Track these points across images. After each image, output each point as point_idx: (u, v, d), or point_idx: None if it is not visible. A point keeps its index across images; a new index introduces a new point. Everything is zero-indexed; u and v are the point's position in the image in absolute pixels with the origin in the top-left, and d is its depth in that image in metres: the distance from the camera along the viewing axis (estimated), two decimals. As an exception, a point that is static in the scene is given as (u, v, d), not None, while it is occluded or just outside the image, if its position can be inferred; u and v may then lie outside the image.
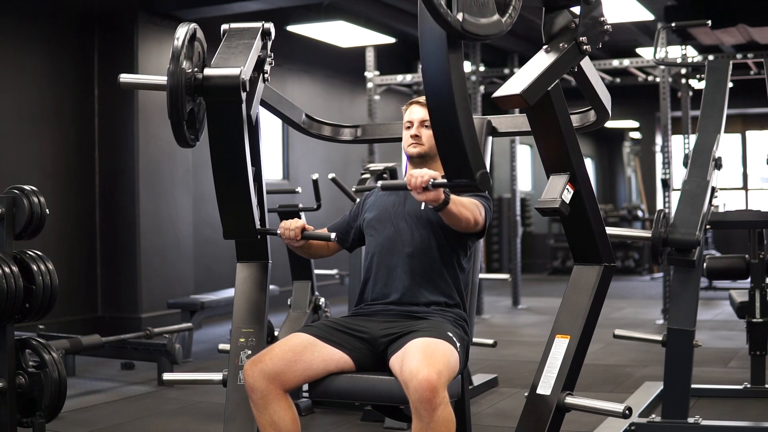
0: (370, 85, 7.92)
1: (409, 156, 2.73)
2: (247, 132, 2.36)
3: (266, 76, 2.52)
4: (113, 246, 6.61)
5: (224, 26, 2.44)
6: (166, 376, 2.93)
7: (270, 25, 2.45)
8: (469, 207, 2.44)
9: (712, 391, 4.27)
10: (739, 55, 7.17)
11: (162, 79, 2.21)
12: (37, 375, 3.15)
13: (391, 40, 7.89)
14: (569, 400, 2.26)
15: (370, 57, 7.91)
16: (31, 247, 3.23)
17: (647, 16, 6.99)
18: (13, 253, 3.12)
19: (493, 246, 11.79)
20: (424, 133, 2.69)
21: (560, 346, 2.31)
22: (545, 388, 2.27)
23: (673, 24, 4.10)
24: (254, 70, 2.40)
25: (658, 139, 11.73)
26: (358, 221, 2.79)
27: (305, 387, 2.45)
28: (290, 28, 7.45)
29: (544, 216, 2.25)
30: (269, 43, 2.47)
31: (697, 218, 3.38)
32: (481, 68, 8.29)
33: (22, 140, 6.07)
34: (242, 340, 2.64)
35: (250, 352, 2.60)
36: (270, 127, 8.44)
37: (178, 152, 6.72)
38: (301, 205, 4.43)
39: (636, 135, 15.68)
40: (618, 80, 8.62)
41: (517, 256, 8.47)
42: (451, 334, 2.40)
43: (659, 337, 3.71)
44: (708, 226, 3.56)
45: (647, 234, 3.45)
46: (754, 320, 4.07)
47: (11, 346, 3.10)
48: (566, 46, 2.10)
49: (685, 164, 3.78)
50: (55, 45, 6.32)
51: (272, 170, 8.72)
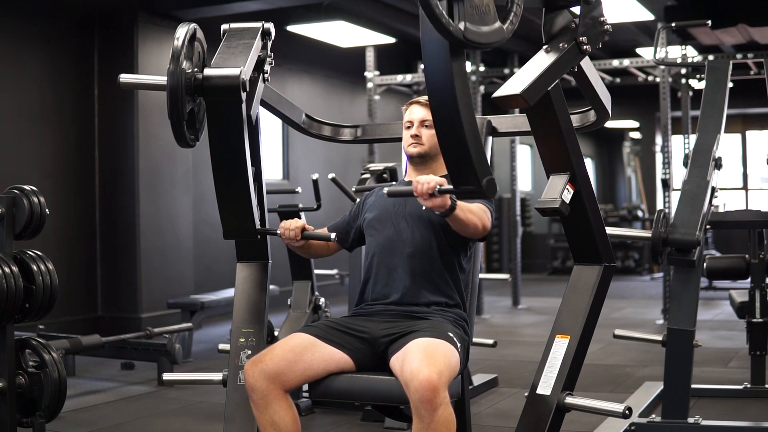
0: (370, 85, 7.92)
1: (409, 156, 2.73)
2: (247, 132, 2.36)
3: (266, 76, 2.52)
4: (113, 246, 6.61)
5: (224, 26, 2.44)
6: (166, 376, 2.93)
7: (270, 25, 2.45)
8: (476, 212, 2.43)
9: (712, 391, 4.27)
10: (739, 55, 7.18)
11: (162, 79, 2.21)
12: (37, 375, 3.15)
13: (391, 40, 7.89)
14: (569, 400, 2.26)
15: (370, 57, 7.91)
16: (31, 247, 3.23)
17: (647, 16, 6.99)
18: (13, 253, 3.12)
19: (493, 246, 11.80)
20: (424, 132, 2.69)
21: (560, 346, 2.31)
22: (545, 388, 2.27)
23: (673, 24, 4.10)
24: (254, 70, 2.40)
25: (658, 139, 11.74)
26: (358, 221, 2.78)
27: (305, 387, 2.46)
28: (290, 28, 7.45)
29: (544, 216, 2.25)
30: (269, 43, 2.48)
31: (697, 218, 3.38)
32: (481, 68, 8.29)
33: (22, 140, 6.07)
34: (242, 340, 2.64)
35: (250, 352, 2.60)
36: (270, 127, 8.44)
37: (178, 152, 6.72)
38: (301, 205, 4.43)
39: (636, 135, 15.68)
40: (618, 80, 8.62)
41: (517, 256, 8.48)
42: (452, 335, 2.40)
43: (659, 337, 3.71)
44: (708, 226, 3.56)
45: (647, 234, 3.45)
46: (754, 320, 4.07)
47: (11, 346, 3.10)
48: (566, 46, 2.10)
49: (685, 164, 3.78)
50: (55, 45, 6.32)
51: (272, 170, 8.72)
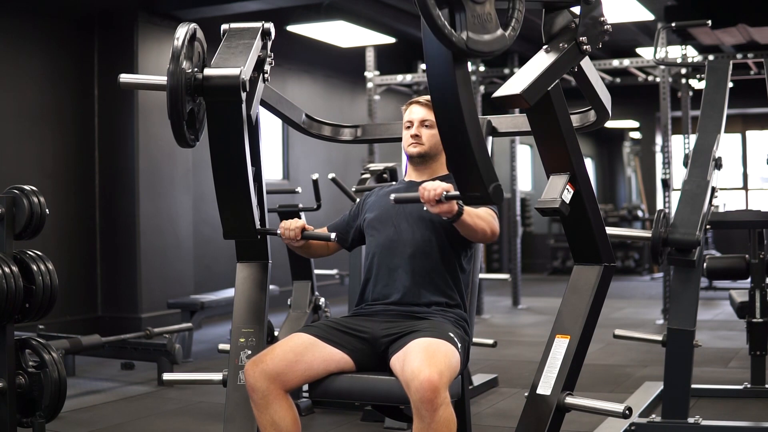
0: (370, 85, 7.92)
1: (409, 156, 2.73)
2: (247, 132, 2.36)
3: (266, 76, 2.52)
4: (113, 246, 6.61)
5: (224, 26, 2.44)
6: (166, 376, 2.93)
7: (270, 25, 2.45)
8: (484, 217, 2.43)
9: (712, 391, 4.27)
10: (739, 55, 7.17)
11: (162, 79, 2.21)
12: (37, 375, 3.15)
13: (391, 40, 7.89)
14: (569, 400, 2.26)
15: (370, 57, 7.91)
16: (31, 247, 3.23)
17: (647, 16, 6.99)
18: (13, 253, 3.12)
19: (493, 246, 11.79)
20: (424, 132, 2.69)
21: (560, 346, 2.31)
22: (545, 388, 2.27)
23: (673, 24, 4.10)
24: (254, 70, 2.40)
25: (658, 139, 11.74)
26: (358, 221, 2.78)
27: (305, 387, 2.46)
28: (290, 28, 7.45)
29: (544, 216, 2.24)
30: (269, 43, 2.47)
31: (697, 218, 3.38)
32: (481, 68, 8.29)
33: (22, 140, 6.07)
34: (242, 340, 2.64)
35: (250, 352, 2.60)
36: (270, 127, 8.44)
37: (178, 152, 6.72)
38: (301, 205, 4.43)
39: (636, 135, 15.68)
40: (618, 80, 8.62)
41: (517, 256, 8.48)
42: (452, 335, 2.40)
43: (659, 337, 3.71)
44: (708, 226, 3.56)
45: (647, 234, 3.45)
46: (754, 320, 4.07)
47: (11, 346, 3.10)
48: (566, 46, 2.09)
49: (685, 164, 3.78)
50: (55, 45, 6.32)
51: (272, 170, 8.72)
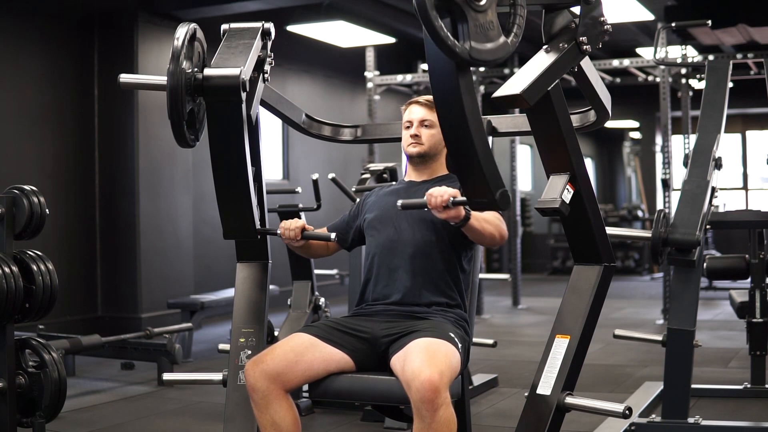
0: (370, 85, 7.92)
1: (409, 156, 2.73)
2: (247, 132, 2.36)
3: (266, 76, 2.52)
4: (113, 246, 6.61)
5: (224, 26, 2.44)
6: (166, 376, 2.93)
7: (270, 25, 2.45)
8: (492, 222, 2.44)
9: (712, 391, 4.27)
10: (739, 55, 7.17)
11: (162, 79, 2.21)
12: (37, 375, 3.15)
13: (391, 40, 7.89)
14: (569, 400, 2.26)
15: (370, 57, 7.91)
16: (31, 247, 3.23)
17: (647, 16, 6.99)
18: (13, 253, 3.12)
19: (493, 246, 11.78)
20: (423, 132, 2.69)
21: (560, 346, 2.31)
22: (545, 388, 2.27)
23: (673, 24, 4.10)
24: (254, 70, 2.40)
25: (658, 139, 11.74)
26: (358, 221, 2.78)
27: (305, 387, 2.46)
28: (290, 28, 7.45)
29: (544, 216, 2.25)
30: (269, 43, 2.47)
31: (697, 218, 3.38)
32: (481, 68, 8.30)
33: (22, 140, 6.07)
34: (242, 340, 2.64)
35: (250, 352, 2.60)
36: (270, 127, 8.44)
37: (178, 152, 6.72)
38: (301, 205, 4.43)
39: (636, 135, 15.68)
40: (618, 80, 8.62)
41: (517, 256, 8.48)
42: (453, 335, 2.40)
43: (659, 337, 3.71)
44: (708, 226, 3.56)
45: (647, 234, 3.45)
46: (754, 320, 4.07)
47: (11, 346, 3.10)
48: (566, 46, 2.10)
49: (685, 164, 3.77)
50: (55, 45, 6.32)
51: (272, 170, 8.72)
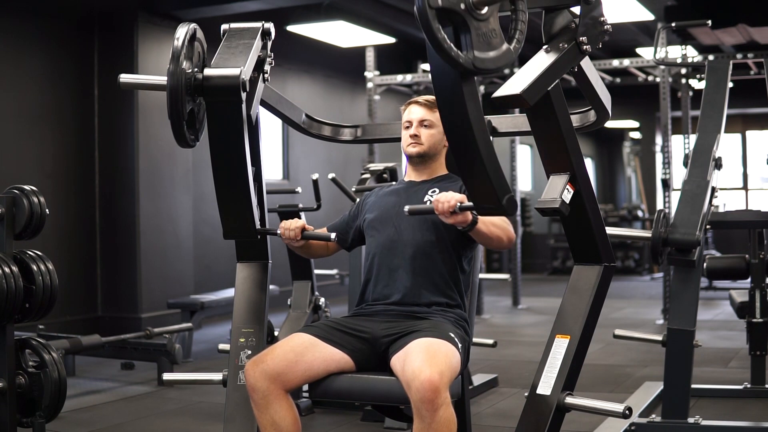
0: (370, 85, 7.92)
1: (409, 156, 2.73)
2: (247, 132, 2.36)
3: (266, 76, 2.52)
4: (113, 246, 6.61)
5: (224, 26, 2.44)
6: (166, 376, 2.93)
7: (270, 25, 2.45)
8: (499, 225, 2.44)
9: (712, 391, 4.27)
10: (739, 55, 7.17)
11: (162, 80, 2.21)
12: (37, 375, 3.15)
13: (391, 40, 7.89)
14: (569, 400, 2.26)
15: (370, 57, 7.91)
16: (31, 247, 3.23)
17: (647, 16, 6.99)
18: (13, 253, 3.12)
19: (493, 246, 11.78)
20: (423, 132, 2.69)
21: (560, 346, 2.31)
22: (545, 388, 2.27)
23: (673, 24, 4.10)
24: (254, 70, 2.40)
25: (658, 139, 11.74)
26: (358, 221, 2.78)
27: (305, 387, 2.46)
28: (290, 28, 7.45)
29: (544, 216, 2.25)
30: (269, 43, 2.47)
31: (697, 218, 3.38)
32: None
33: (22, 140, 6.07)
34: (242, 340, 2.64)
35: (250, 352, 2.60)
36: (270, 127, 8.44)
37: (178, 152, 6.72)
38: (301, 205, 4.43)
39: (636, 135, 15.68)
40: (618, 80, 8.62)
41: (517, 256, 8.48)
42: (453, 335, 2.40)
43: (659, 337, 3.71)
44: (708, 226, 3.56)
45: (647, 234, 3.45)
46: (754, 320, 4.07)
47: (11, 346, 3.10)
48: (566, 46, 2.09)
49: (685, 164, 3.77)
50: (55, 45, 6.32)
51: (272, 170, 8.72)
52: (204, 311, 5.85)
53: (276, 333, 4.24)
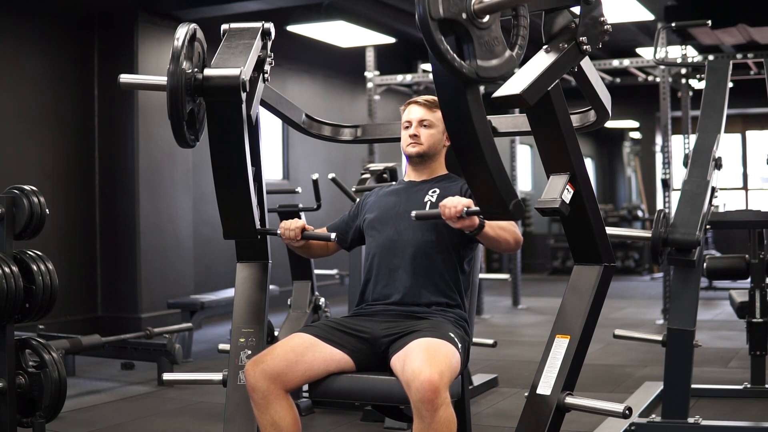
0: (370, 85, 7.92)
1: (408, 156, 2.73)
2: (247, 132, 2.36)
3: (266, 76, 2.52)
4: (113, 246, 6.61)
5: (224, 26, 2.44)
6: (166, 376, 2.93)
7: (270, 25, 2.45)
8: (506, 228, 2.44)
9: (712, 391, 4.27)
10: (739, 55, 7.17)
11: (162, 80, 2.21)
12: (37, 375, 3.15)
13: (391, 40, 7.89)
14: (569, 400, 2.26)
15: (370, 57, 7.91)
16: (31, 247, 3.23)
17: (647, 16, 6.99)
18: (13, 253, 3.12)
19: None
20: (422, 132, 2.69)
21: (560, 346, 2.31)
22: (545, 388, 2.27)
23: (673, 24, 4.10)
24: (254, 70, 2.40)
25: (658, 139, 11.73)
26: (358, 221, 2.78)
27: (305, 387, 2.46)
28: (290, 28, 7.45)
29: (544, 216, 2.25)
30: (269, 43, 2.48)
31: (697, 218, 3.38)
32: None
33: (22, 140, 6.07)
34: (242, 340, 2.64)
35: (250, 352, 2.60)
36: (270, 127, 8.44)
37: (178, 152, 6.72)
38: (301, 205, 4.43)
39: (636, 135, 15.68)
40: (618, 80, 8.62)
41: (517, 256, 8.47)
42: (453, 335, 2.40)
43: (659, 337, 3.71)
44: (708, 226, 3.56)
45: (647, 234, 3.45)
46: (754, 320, 4.07)
47: (11, 346, 3.10)
48: (566, 46, 2.09)
49: (685, 164, 3.77)
50: (55, 45, 6.32)
51: (272, 170, 8.72)
52: (204, 311, 5.85)
53: (276, 333, 4.24)
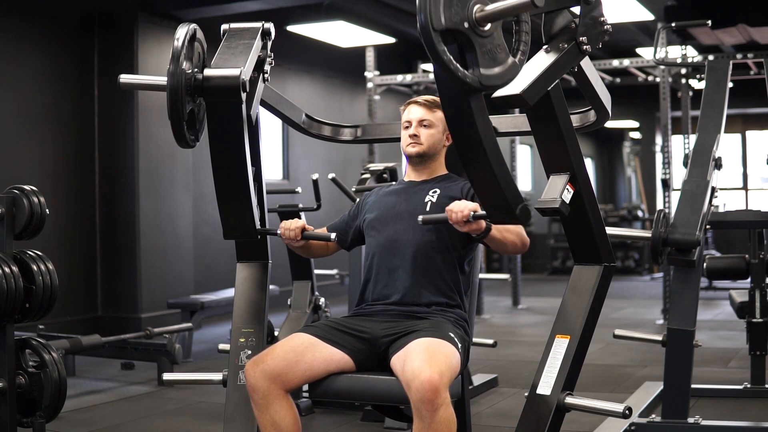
0: (370, 85, 7.92)
1: (408, 156, 2.73)
2: (247, 132, 2.36)
3: (266, 76, 2.52)
4: (113, 246, 6.61)
5: (224, 26, 2.44)
6: (166, 376, 2.93)
7: (270, 25, 2.45)
8: (513, 230, 2.45)
9: (712, 391, 4.27)
10: (739, 55, 7.17)
11: (162, 80, 2.21)
12: (37, 375, 3.15)
13: (391, 40, 7.89)
14: (569, 400, 2.26)
15: (370, 57, 7.91)
16: (31, 247, 3.23)
17: (647, 16, 6.99)
18: (13, 253, 3.12)
19: (493, 246, 11.77)
20: (422, 132, 2.69)
21: (560, 346, 2.31)
22: (545, 388, 2.27)
23: (673, 24, 4.10)
24: (254, 70, 2.40)
25: (658, 139, 11.73)
26: (358, 221, 2.78)
27: (305, 387, 2.46)
28: (290, 28, 7.45)
29: (544, 216, 2.25)
30: (269, 43, 2.48)
31: (697, 218, 3.38)
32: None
33: (22, 140, 6.07)
34: (242, 340, 2.64)
35: (250, 352, 2.60)
36: (270, 127, 8.44)
37: (178, 152, 6.72)
38: (301, 205, 4.43)
39: (636, 135, 15.68)
40: (618, 80, 8.62)
41: (517, 256, 8.47)
42: (453, 335, 2.40)
43: (659, 337, 3.71)
44: (708, 226, 3.56)
45: (647, 234, 3.45)
46: (754, 320, 4.07)
47: (11, 346, 3.10)
48: (566, 46, 2.09)
49: (685, 164, 3.77)
50: (55, 45, 6.32)
51: (272, 170, 8.72)
52: (204, 311, 5.85)
53: (276, 333, 4.24)
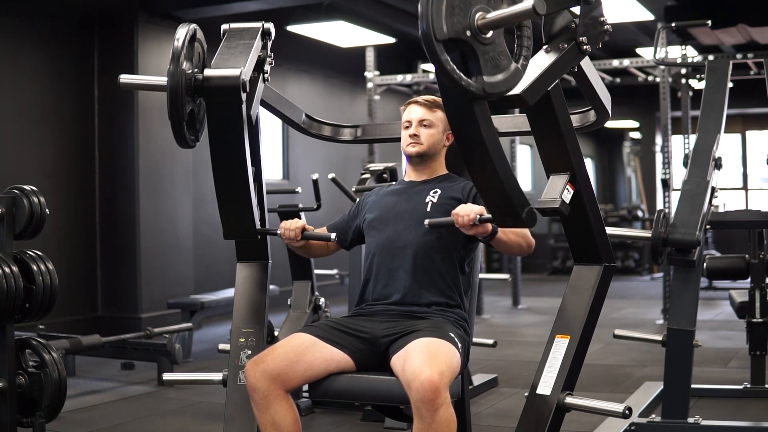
0: (370, 85, 7.92)
1: (408, 156, 2.73)
2: (247, 132, 2.36)
3: (266, 76, 2.52)
4: (113, 246, 6.61)
5: (224, 26, 2.44)
6: (166, 376, 2.93)
7: (270, 25, 2.45)
8: (518, 232, 2.46)
9: (712, 391, 4.27)
10: (739, 55, 7.17)
11: (162, 80, 2.21)
12: (37, 375, 3.15)
13: (391, 40, 7.89)
14: (569, 400, 2.26)
15: (370, 57, 7.91)
16: (31, 247, 3.23)
17: (647, 16, 6.99)
18: (13, 253, 3.12)
19: (493, 246, 11.78)
20: (422, 132, 2.69)
21: (560, 346, 2.31)
22: (545, 388, 2.27)
23: (673, 24, 4.10)
24: (254, 70, 2.40)
25: (658, 139, 11.72)
26: (358, 221, 2.78)
27: (305, 387, 2.46)
28: (290, 28, 7.45)
29: (544, 216, 2.25)
30: (269, 43, 2.48)
31: (697, 218, 3.38)
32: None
33: (22, 140, 6.07)
34: (242, 340, 2.64)
35: (250, 352, 2.60)
36: (270, 127, 8.44)
37: (178, 152, 6.72)
38: (301, 205, 4.43)
39: (636, 135, 15.67)
40: (618, 80, 8.61)
41: (517, 257, 8.47)
42: (453, 335, 2.40)
43: (659, 337, 3.71)
44: (708, 226, 3.56)
45: (647, 234, 3.45)
46: (754, 320, 4.07)
47: (11, 346, 3.10)
48: (566, 46, 2.09)
49: (685, 164, 3.77)
50: (55, 45, 6.32)
51: (272, 170, 8.72)
52: (204, 311, 5.85)
53: (276, 333, 4.24)
